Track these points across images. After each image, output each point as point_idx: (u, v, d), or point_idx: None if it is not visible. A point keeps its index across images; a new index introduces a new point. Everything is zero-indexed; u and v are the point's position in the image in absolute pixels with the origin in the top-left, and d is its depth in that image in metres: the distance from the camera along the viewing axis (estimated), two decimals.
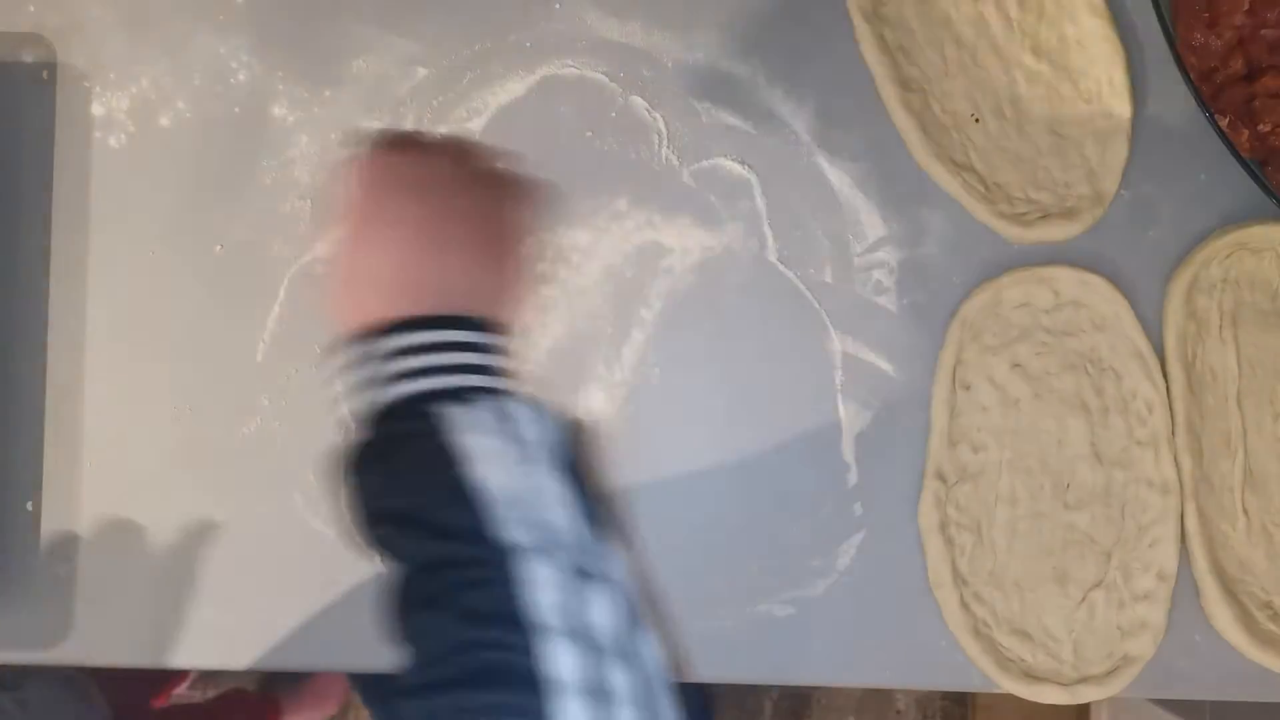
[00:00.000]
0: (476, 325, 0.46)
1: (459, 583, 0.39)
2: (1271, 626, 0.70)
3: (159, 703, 1.36)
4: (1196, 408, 0.71)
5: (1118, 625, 0.70)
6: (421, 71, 0.74)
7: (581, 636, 0.37)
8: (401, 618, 0.40)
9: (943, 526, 0.70)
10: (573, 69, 0.74)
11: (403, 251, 0.47)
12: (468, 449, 0.41)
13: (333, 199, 0.50)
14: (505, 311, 0.49)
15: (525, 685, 0.36)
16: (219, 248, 0.74)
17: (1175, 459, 0.71)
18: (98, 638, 0.72)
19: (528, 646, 0.37)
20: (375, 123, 0.74)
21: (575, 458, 0.44)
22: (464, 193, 0.49)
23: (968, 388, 0.72)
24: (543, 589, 0.38)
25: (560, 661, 0.36)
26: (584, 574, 0.39)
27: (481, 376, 0.45)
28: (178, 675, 1.41)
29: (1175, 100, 0.72)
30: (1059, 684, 0.69)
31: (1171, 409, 0.71)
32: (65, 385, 0.74)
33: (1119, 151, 0.72)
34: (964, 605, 0.70)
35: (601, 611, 0.38)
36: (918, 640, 0.71)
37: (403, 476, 0.42)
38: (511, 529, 0.39)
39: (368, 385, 0.45)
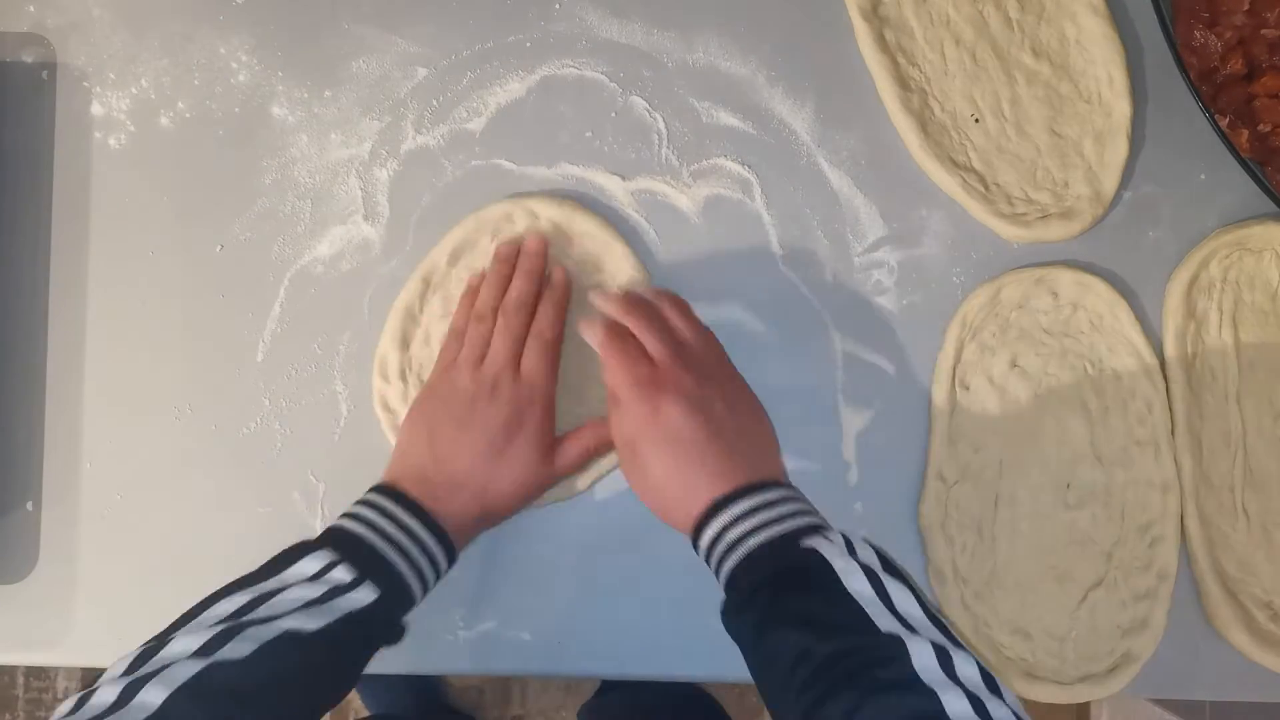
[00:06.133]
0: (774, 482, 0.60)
1: (864, 663, 0.49)
2: (1272, 627, 0.70)
3: None
4: (1196, 408, 0.71)
5: (1118, 624, 0.70)
6: (421, 71, 0.74)
7: (962, 687, 0.47)
8: (811, 702, 0.49)
9: (943, 525, 0.70)
10: (573, 69, 0.74)
11: (716, 441, 0.60)
12: (838, 569, 0.53)
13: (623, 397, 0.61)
14: (777, 463, 0.63)
15: None
16: (219, 248, 0.74)
17: (1175, 459, 0.71)
18: (98, 638, 0.72)
19: (933, 700, 0.46)
20: (375, 123, 0.74)
21: (891, 564, 0.55)
22: (732, 378, 0.64)
23: (967, 387, 0.72)
24: (925, 658, 0.48)
25: (956, 707, 0.45)
26: (945, 645, 0.49)
27: (809, 518, 0.58)
28: None
29: (1175, 100, 0.72)
30: (1059, 683, 0.69)
31: (1171, 409, 0.71)
32: (65, 385, 0.74)
33: (1119, 151, 0.72)
34: (964, 605, 0.70)
35: (967, 667, 0.48)
36: None
37: (801, 595, 0.54)
38: (884, 621, 0.50)
39: (737, 540, 0.56)
